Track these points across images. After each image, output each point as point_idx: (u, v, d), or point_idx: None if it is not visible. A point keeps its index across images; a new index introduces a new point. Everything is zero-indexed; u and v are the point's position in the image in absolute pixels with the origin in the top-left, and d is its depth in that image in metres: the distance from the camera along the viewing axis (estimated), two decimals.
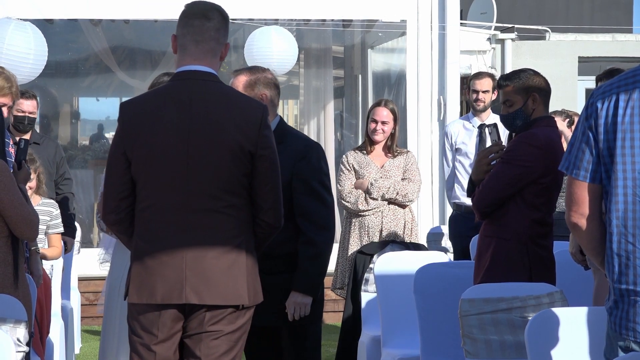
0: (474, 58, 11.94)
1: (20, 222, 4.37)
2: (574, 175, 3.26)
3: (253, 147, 3.75)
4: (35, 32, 8.10)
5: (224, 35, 3.82)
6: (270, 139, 3.80)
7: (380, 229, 6.71)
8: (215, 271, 3.73)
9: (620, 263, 3.17)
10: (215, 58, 3.80)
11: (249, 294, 3.79)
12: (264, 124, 3.77)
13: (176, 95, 3.78)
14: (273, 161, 3.81)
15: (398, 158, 6.83)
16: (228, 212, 3.75)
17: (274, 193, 3.83)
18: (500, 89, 5.04)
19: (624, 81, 3.19)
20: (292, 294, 4.54)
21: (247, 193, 3.81)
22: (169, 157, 3.74)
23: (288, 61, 9.36)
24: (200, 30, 3.76)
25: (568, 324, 3.98)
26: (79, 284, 8.38)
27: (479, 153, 5.17)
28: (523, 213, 4.90)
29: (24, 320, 4.23)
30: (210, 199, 3.74)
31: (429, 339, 5.26)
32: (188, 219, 3.74)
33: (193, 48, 3.77)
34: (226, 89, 3.85)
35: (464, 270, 5.36)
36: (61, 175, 7.49)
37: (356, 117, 11.96)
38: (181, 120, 3.74)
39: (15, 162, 4.76)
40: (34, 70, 7.98)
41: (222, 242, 3.75)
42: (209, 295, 3.72)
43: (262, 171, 3.78)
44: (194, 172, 3.73)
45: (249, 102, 3.84)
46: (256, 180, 3.79)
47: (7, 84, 5.35)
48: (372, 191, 6.68)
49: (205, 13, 3.78)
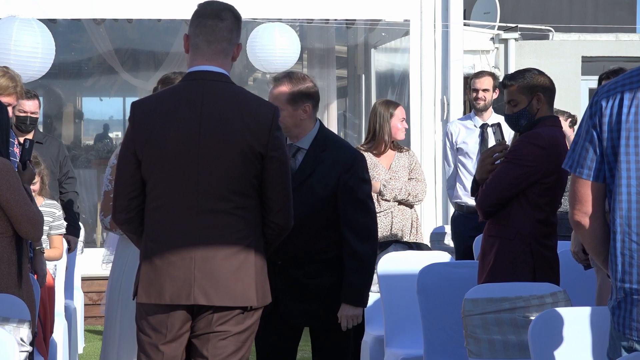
0: (478, 58, 11.94)
1: (25, 222, 4.38)
2: (578, 173, 3.25)
3: (263, 149, 3.75)
4: (41, 27, 8.08)
5: (237, 36, 3.82)
6: (281, 140, 3.80)
7: (390, 228, 6.67)
8: (224, 272, 3.73)
9: (624, 262, 3.16)
10: (227, 58, 3.80)
11: (257, 295, 3.79)
12: (275, 125, 3.77)
13: (188, 96, 3.78)
14: (283, 162, 3.80)
15: (402, 158, 6.80)
16: (238, 213, 3.75)
17: (284, 194, 3.83)
18: (504, 88, 5.03)
19: (628, 80, 3.19)
20: (343, 306, 4.59)
21: (256, 194, 3.81)
22: (180, 157, 3.74)
23: (290, 58, 9.37)
24: (212, 30, 3.76)
25: (571, 324, 3.98)
26: (82, 283, 8.39)
27: (482, 153, 5.16)
28: (527, 213, 4.90)
29: (27, 320, 4.23)
30: (220, 200, 3.74)
31: (432, 338, 5.26)
32: (198, 220, 3.74)
33: (205, 48, 3.77)
34: (238, 90, 3.84)
35: (467, 270, 5.36)
36: (65, 174, 7.49)
37: (359, 116, 11.96)
38: (192, 121, 3.74)
39: (19, 162, 4.77)
40: (43, 67, 7.96)
41: (231, 243, 3.75)
42: (217, 296, 3.72)
43: (272, 173, 3.78)
44: (204, 173, 3.73)
45: (260, 103, 3.83)
46: (266, 181, 3.78)
47: (12, 83, 5.35)
48: (384, 193, 6.64)
49: (219, 13, 3.78)
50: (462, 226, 7.69)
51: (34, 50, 7.85)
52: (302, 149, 4.61)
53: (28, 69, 7.75)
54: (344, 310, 4.59)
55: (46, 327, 5.98)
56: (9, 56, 7.68)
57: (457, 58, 10.03)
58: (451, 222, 8.01)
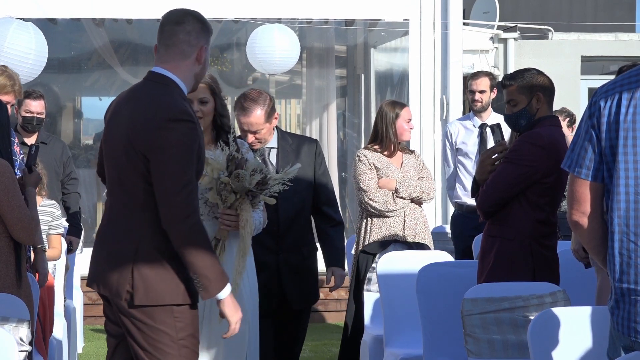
0: (477, 57, 11.94)
1: (17, 225, 4.39)
2: (576, 173, 3.26)
3: (144, 147, 3.72)
4: (36, 32, 8.09)
5: (197, 38, 3.86)
6: (166, 139, 3.71)
7: (403, 227, 6.62)
8: (105, 265, 3.84)
9: (622, 262, 3.16)
10: (185, 60, 3.84)
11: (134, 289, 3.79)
12: (160, 125, 3.71)
13: (126, 95, 3.94)
14: (162, 162, 3.71)
15: (411, 158, 6.79)
16: (125, 210, 3.81)
17: (168, 191, 3.73)
18: (504, 88, 5.03)
19: (627, 80, 3.19)
20: (334, 269, 5.46)
21: (143, 191, 3.77)
22: (106, 155, 3.93)
23: (290, 59, 9.36)
24: (169, 35, 3.86)
25: (571, 324, 3.98)
26: (82, 283, 8.39)
27: (482, 153, 5.16)
28: (527, 213, 4.90)
29: (26, 319, 4.23)
30: (119, 196, 3.85)
31: (432, 338, 5.26)
32: (111, 216, 3.88)
33: (163, 52, 3.87)
34: (155, 90, 3.83)
35: (466, 270, 5.36)
36: (67, 175, 7.50)
37: (359, 116, 11.95)
38: (113, 120, 3.89)
39: (25, 166, 4.80)
40: (33, 70, 7.98)
41: (121, 238, 3.81)
42: (102, 287, 3.86)
43: (154, 170, 3.74)
44: (109, 171, 3.90)
45: (159, 103, 3.78)
46: (152, 178, 3.75)
47: (10, 82, 5.37)
48: (401, 191, 6.60)
49: (177, 19, 3.88)
50: (461, 226, 7.69)
51: (26, 53, 7.86)
52: (273, 148, 5.37)
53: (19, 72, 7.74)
54: (337, 272, 5.46)
55: (46, 327, 5.98)
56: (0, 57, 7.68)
57: (456, 58, 10.03)
58: (451, 222, 8.01)
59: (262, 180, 4.52)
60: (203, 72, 3.92)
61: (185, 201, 3.68)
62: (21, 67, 7.72)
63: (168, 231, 3.71)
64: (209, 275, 3.69)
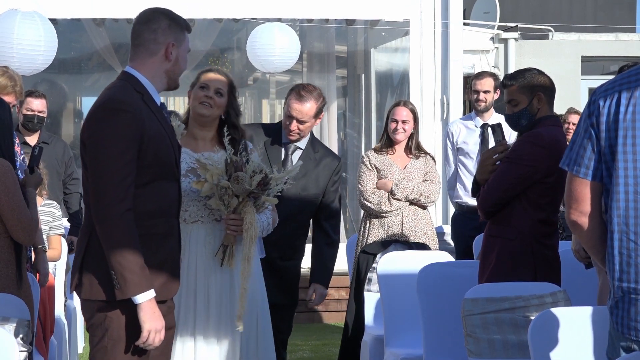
0: (477, 57, 11.94)
1: (16, 226, 4.39)
2: (575, 172, 3.25)
3: (84, 139, 3.74)
4: (42, 19, 8.06)
5: (164, 35, 3.85)
6: (100, 131, 3.67)
7: (401, 228, 6.64)
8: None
9: (622, 261, 3.16)
10: (152, 57, 3.84)
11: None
12: (95, 116, 3.70)
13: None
14: (96, 155, 3.67)
15: (419, 160, 6.80)
16: (86, 205, 3.82)
17: (97, 186, 3.69)
18: (505, 88, 5.03)
19: (626, 79, 3.19)
20: (317, 286, 5.50)
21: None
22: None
23: (290, 58, 9.36)
24: (137, 34, 3.88)
25: (571, 324, 3.98)
26: None
27: (483, 153, 5.16)
28: (528, 213, 4.90)
29: (27, 319, 4.23)
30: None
31: (432, 338, 5.26)
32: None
33: (132, 51, 3.89)
34: (110, 89, 3.83)
35: (467, 270, 5.36)
36: (69, 175, 7.51)
37: (359, 116, 11.96)
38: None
39: (27, 168, 4.81)
40: (46, 59, 7.93)
41: (81, 234, 3.81)
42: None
43: (88, 163, 3.73)
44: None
45: (102, 97, 3.79)
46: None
47: (11, 82, 5.38)
48: (396, 192, 6.61)
49: (145, 18, 3.90)
50: (462, 226, 7.69)
51: (36, 43, 7.83)
52: (299, 148, 5.50)
53: (31, 62, 7.74)
54: (320, 289, 5.52)
55: (46, 327, 5.98)
56: (12, 50, 7.67)
57: (456, 58, 10.03)
58: (451, 222, 8.01)
59: (263, 181, 4.50)
60: (177, 69, 3.86)
61: (113, 198, 3.59)
62: (34, 57, 7.71)
63: (95, 225, 3.65)
64: (125, 276, 3.57)
